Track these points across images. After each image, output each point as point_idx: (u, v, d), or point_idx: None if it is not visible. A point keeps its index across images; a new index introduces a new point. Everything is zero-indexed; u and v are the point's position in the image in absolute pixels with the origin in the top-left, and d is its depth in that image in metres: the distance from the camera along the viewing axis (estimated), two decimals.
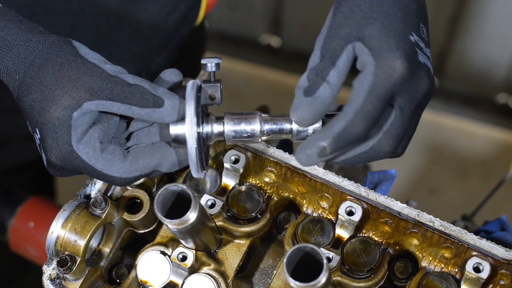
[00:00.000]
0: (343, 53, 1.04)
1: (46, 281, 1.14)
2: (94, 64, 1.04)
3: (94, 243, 1.17)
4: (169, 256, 1.14)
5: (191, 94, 1.03)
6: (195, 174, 1.05)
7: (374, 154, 1.05)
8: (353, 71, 1.06)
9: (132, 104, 1.03)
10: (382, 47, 1.03)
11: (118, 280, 1.21)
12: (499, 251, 1.11)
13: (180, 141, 1.05)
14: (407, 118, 1.05)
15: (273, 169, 1.18)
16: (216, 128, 1.06)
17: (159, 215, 1.01)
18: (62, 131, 1.03)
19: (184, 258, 1.14)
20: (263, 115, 1.08)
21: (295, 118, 1.02)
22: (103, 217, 1.13)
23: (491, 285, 1.13)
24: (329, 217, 1.19)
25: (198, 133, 1.03)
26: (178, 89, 1.10)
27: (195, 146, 1.02)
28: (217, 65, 1.11)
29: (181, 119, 1.05)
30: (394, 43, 1.03)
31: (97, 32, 1.48)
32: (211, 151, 1.22)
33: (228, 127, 1.06)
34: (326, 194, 1.17)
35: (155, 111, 1.03)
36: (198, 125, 1.03)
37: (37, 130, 1.05)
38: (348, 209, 1.15)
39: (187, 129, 1.02)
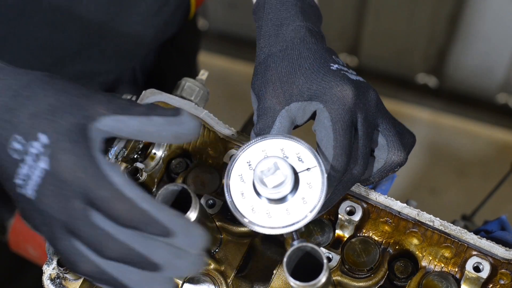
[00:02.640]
0: (276, 120, 1.08)
1: (46, 281, 1.14)
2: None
3: None
4: None
5: None
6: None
7: (348, 181, 1.08)
8: None
9: (152, 115, 0.94)
10: (315, 88, 1.07)
11: None
12: (499, 251, 1.11)
13: None
14: (368, 137, 1.08)
15: None
16: None
17: None
18: (81, 142, 0.91)
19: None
20: None
21: None
22: None
23: (491, 285, 1.13)
24: (329, 217, 1.19)
25: None
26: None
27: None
28: None
29: None
30: (322, 78, 1.07)
31: (86, 30, 1.47)
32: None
33: None
34: None
35: (175, 119, 0.95)
36: None
37: (40, 136, 0.91)
38: (348, 208, 1.15)
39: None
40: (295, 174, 1.02)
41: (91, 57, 1.53)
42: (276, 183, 1.00)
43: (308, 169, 1.02)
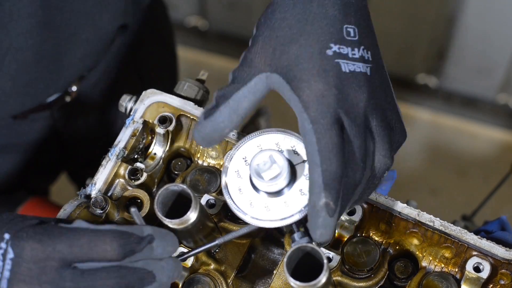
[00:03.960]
0: (253, 78, 1.01)
1: None
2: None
3: None
4: None
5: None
6: None
7: (350, 188, 1.00)
8: None
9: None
10: (298, 77, 0.98)
11: None
12: (499, 251, 1.11)
13: None
14: (354, 136, 0.98)
15: None
16: None
17: (159, 215, 1.01)
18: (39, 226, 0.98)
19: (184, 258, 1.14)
20: None
21: (197, 140, 1.04)
22: (103, 217, 1.13)
23: (491, 285, 1.13)
24: None
25: None
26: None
27: None
28: None
29: None
30: (309, 67, 0.98)
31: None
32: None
33: None
34: None
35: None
36: None
37: (5, 235, 0.97)
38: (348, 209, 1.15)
39: None
40: (292, 166, 1.02)
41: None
42: (272, 176, 1.00)
43: (304, 161, 1.03)
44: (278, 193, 1.01)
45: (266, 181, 1.00)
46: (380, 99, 1.02)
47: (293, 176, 1.01)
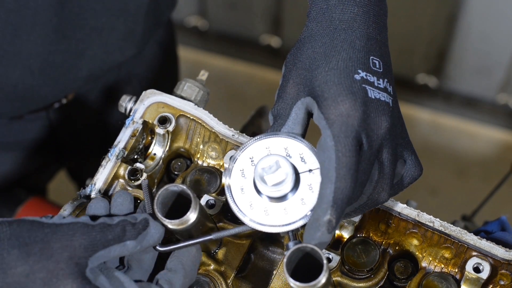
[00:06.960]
0: (293, 109, 1.05)
1: None
2: (70, 224, 0.98)
3: None
4: None
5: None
6: None
7: (371, 205, 1.05)
8: None
9: (126, 240, 1.00)
10: (326, 96, 1.01)
11: None
12: (499, 251, 1.11)
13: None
14: (366, 160, 1.01)
15: None
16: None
17: (159, 216, 1.01)
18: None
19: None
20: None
21: None
22: None
23: (491, 285, 1.13)
24: None
25: None
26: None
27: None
28: None
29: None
30: (337, 88, 1.01)
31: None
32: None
33: None
34: None
35: (145, 235, 1.01)
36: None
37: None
38: None
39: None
40: (296, 174, 1.02)
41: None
42: (276, 181, 1.00)
43: (310, 170, 1.02)
44: (279, 199, 1.01)
45: (269, 186, 0.99)
46: (397, 134, 1.05)
47: (296, 184, 1.01)
